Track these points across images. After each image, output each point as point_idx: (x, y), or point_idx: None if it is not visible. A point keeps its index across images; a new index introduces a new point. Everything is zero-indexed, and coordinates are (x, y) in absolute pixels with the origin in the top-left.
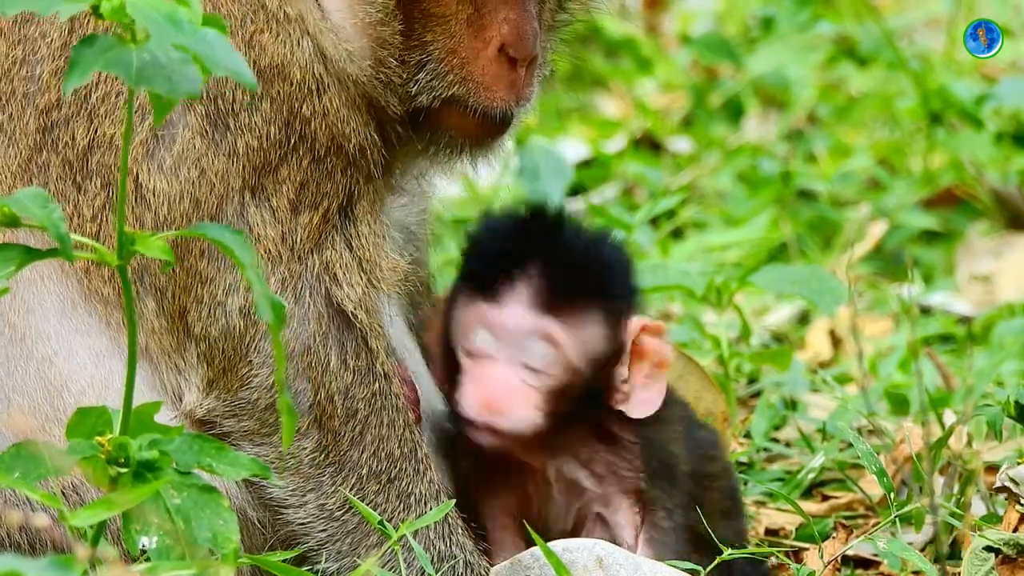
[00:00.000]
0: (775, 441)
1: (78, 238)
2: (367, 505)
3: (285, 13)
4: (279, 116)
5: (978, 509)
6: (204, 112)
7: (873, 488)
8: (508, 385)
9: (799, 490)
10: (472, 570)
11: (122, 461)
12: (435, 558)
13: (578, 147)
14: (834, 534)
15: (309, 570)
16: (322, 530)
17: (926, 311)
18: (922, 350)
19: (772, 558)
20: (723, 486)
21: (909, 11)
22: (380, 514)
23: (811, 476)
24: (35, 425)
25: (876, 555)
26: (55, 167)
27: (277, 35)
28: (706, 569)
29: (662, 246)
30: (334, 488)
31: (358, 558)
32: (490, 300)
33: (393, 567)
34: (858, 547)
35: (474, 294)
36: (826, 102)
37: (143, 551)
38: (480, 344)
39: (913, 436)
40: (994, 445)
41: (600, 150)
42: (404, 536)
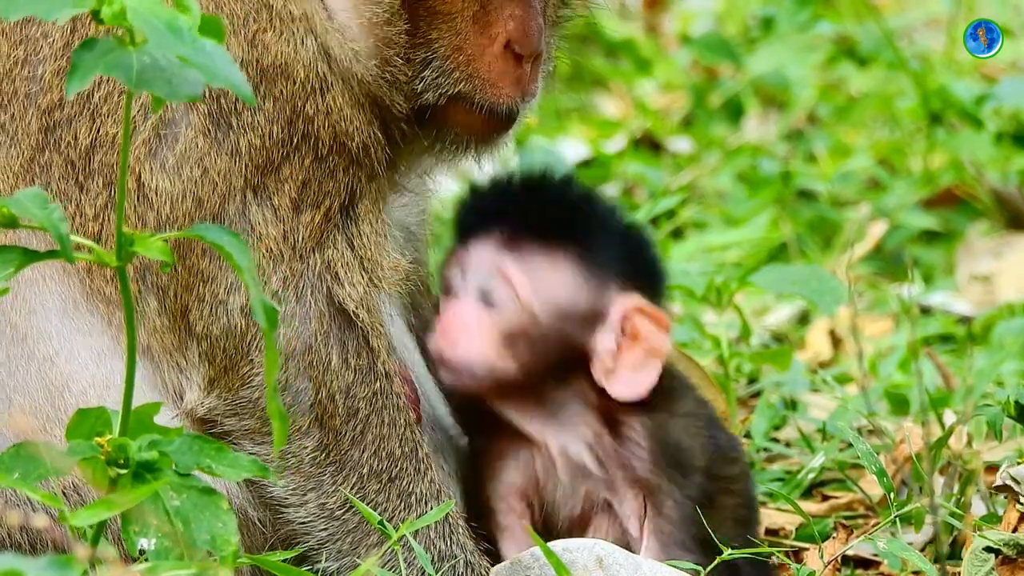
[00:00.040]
0: (775, 441)
1: (78, 239)
2: (368, 504)
3: (289, 12)
4: (282, 115)
5: (978, 509)
6: (207, 111)
7: (873, 488)
8: (463, 319)
9: (799, 490)
10: (473, 570)
11: (122, 462)
12: (435, 558)
13: (578, 147)
14: (834, 534)
15: (309, 570)
16: (323, 529)
17: (926, 311)
18: (922, 350)
19: (772, 558)
20: (740, 490)
21: (909, 11)
22: (380, 513)
23: (811, 476)
24: (36, 425)
25: (876, 555)
26: (57, 167)
27: (281, 34)
28: (706, 569)
29: (662, 246)
30: (335, 487)
31: (358, 557)
32: (464, 241)
33: (393, 567)
34: (858, 547)
35: (455, 240)
36: (826, 102)
37: (142, 552)
38: (449, 282)
39: (913, 436)
40: (994, 445)
41: (600, 150)
42: (404, 536)
